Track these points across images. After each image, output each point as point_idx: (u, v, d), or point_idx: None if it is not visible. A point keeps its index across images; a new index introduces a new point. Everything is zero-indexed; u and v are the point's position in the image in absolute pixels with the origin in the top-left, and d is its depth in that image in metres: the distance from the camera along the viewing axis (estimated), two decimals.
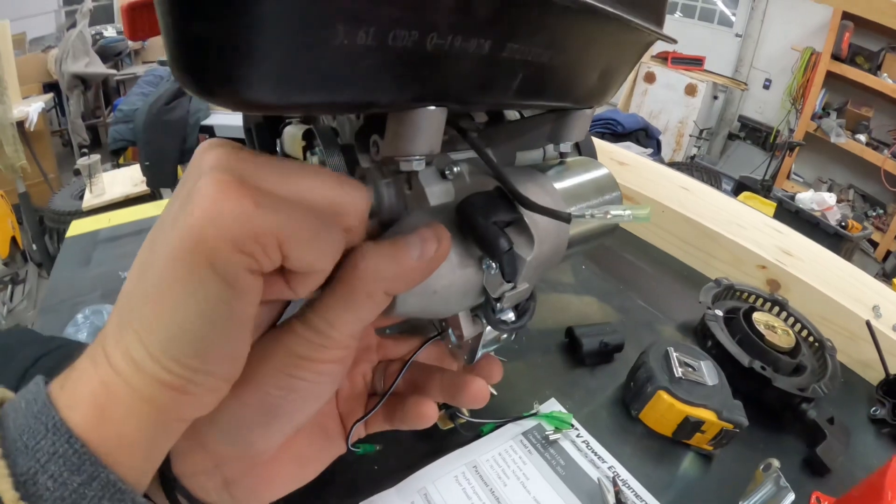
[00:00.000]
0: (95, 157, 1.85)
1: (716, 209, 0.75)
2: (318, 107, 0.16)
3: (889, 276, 2.28)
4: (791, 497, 0.35)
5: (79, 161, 1.87)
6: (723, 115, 3.63)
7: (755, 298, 0.58)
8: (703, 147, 3.59)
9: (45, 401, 0.16)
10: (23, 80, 2.42)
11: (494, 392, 0.43)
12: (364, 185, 0.19)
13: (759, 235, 0.70)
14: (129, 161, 2.30)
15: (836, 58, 2.73)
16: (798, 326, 0.55)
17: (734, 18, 3.49)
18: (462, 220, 0.21)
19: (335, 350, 0.20)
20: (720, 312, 0.53)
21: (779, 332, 0.50)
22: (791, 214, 2.11)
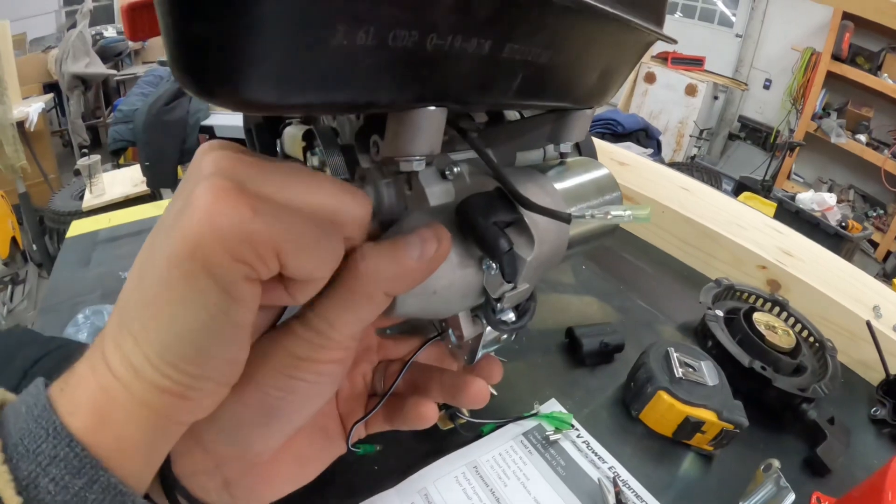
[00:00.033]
0: (95, 158, 1.86)
1: (716, 209, 0.75)
2: (318, 107, 0.16)
3: (889, 277, 2.28)
4: (791, 497, 0.35)
5: (79, 161, 1.88)
6: (723, 116, 3.63)
7: (755, 299, 0.58)
8: (704, 147, 3.59)
9: (46, 404, 0.16)
10: (23, 81, 2.43)
11: (494, 392, 0.43)
12: (365, 194, 0.19)
13: (760, 236, 0.70)
14: (129, 161, 2.30)
15: (837, 58, 2.73)
16: (798, 327, 0.55)
17: (734, 19, 3.49)
18: (462, 221, 0.21)
19: (335, 351, 0.20)
20: (720, 313, 0.53)
21: (779, 333, 0.50)
22: (791, 215, 2.11)
